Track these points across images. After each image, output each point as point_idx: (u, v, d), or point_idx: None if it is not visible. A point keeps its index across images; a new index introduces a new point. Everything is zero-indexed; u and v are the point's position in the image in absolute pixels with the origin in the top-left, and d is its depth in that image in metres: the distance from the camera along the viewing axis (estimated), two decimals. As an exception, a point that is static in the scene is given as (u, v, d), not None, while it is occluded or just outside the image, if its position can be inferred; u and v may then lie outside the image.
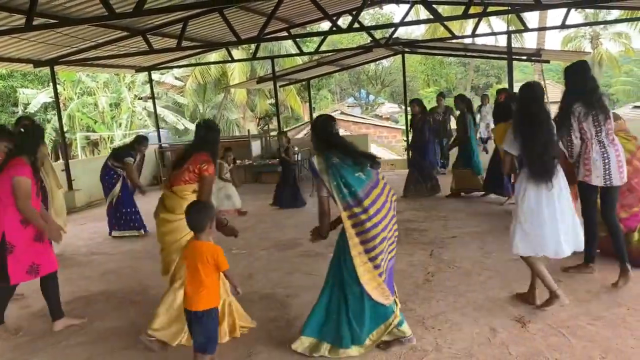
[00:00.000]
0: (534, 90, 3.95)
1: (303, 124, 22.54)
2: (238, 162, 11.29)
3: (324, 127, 3.56)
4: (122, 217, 7.62)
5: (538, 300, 4.02)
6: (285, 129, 17.91)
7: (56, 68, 10.51)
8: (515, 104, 4.03)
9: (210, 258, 3.10)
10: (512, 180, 6.70)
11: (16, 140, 4.30)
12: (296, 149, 11.28)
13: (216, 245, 3.18)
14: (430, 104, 25.67)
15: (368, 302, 3.37)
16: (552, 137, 3.89)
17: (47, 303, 4.30)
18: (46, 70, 10.63)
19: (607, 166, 4.24)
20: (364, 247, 3.31)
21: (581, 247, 4.01)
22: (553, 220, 3.81)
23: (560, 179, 3.86)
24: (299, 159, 10.96)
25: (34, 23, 6.43)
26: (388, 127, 24.16)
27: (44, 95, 19.74)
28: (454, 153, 9.64)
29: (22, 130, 4.29)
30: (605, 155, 4.25)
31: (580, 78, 4.32)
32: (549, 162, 3.80)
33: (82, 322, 4.37)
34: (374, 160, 3.50)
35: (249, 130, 14.85)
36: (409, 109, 10.52)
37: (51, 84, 11.05)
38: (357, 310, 3.38)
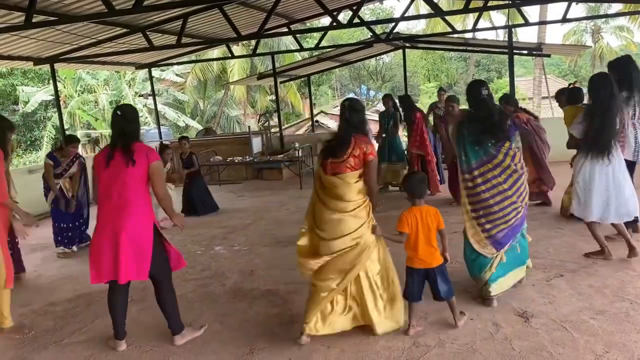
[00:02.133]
0: (600, 81, 4.59)
1: (303, 120, 22.51)
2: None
3: (474, 89, 4.04)
4: (56, 232, 6.72)
5: (612, 255, 4.74)
6: (285, 125, 17.90)
7: (56, 65, 10.48)
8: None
9: (436, 217, 3.57)
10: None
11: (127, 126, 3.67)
12: (297, 145, 11.27)
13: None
14: (431, 99, 25.67)
15: (472, 253, 4.04)
16: (611, 121, 4.48)
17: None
18: (46, 67, 10.62)
19: (637, 144, 5.05)
20: (471, 207, 3.99)
21: (630, 217, 4.70)
22: (603, 191, 4.55)
23: (616, 156, 4.55)
24: (300, 154, 10.93)
25: (34, 20, 6.40)
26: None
27: (43, 94, 19.74)
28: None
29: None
30: (636, 135, 5.06)
31: (628, 69, 5.07)
32: (605, 142, 4.48)
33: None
34: (496, 139, 3.90)
35: (249, 127, 14.81)
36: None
37: (51, 81, 11.03)
38: (468, 258, 4.11)
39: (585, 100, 5.32)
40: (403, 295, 3.68)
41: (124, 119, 3.64)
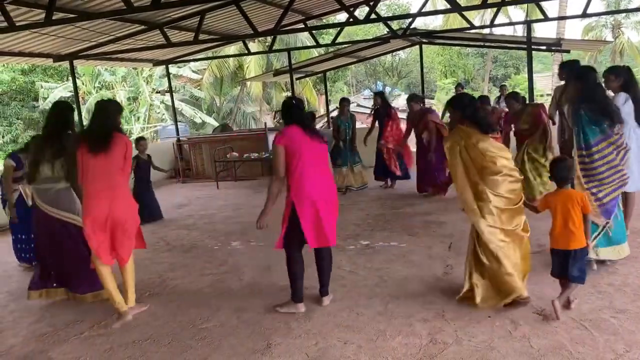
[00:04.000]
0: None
1: (319, 117, 22.49)
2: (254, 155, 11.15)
3: (591, 75, 4.55)
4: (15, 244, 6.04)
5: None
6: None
7: (75, 62, 10.60)
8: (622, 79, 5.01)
9: (580, 202, 3.67)
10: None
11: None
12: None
13: (582, 192, 3.96)
14: (448, 95, 25.49)
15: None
16: None
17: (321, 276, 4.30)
18: (66, 64, 10.74)
19: None
20: (585, 179, 4.34)
21: None
22: None
23: None
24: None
25: (54, 18, 6.48)
26: (405, 119, 23.97)
27: (60, 90, 19.97)
28: None
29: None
30: None
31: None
32: None
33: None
34: (612, 121, 4.35)
35: (265, 124, 14.85)
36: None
37: (70, 78, 11.15)
38: None
39: None
40: (550, 273, 3.87)
41: (299, 108, 4.15)
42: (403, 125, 9.29)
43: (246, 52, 13.33)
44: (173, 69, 20.04)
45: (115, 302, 4.25)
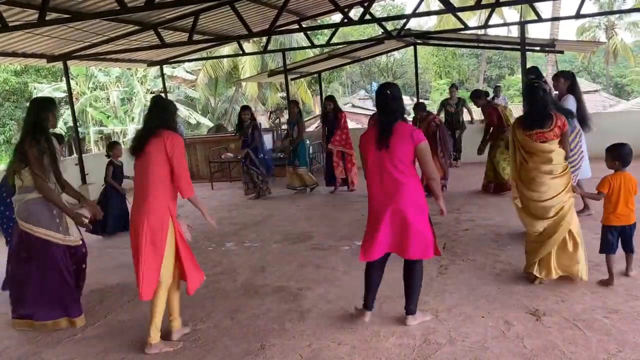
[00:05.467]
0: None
1: (314, 117, 22.50)
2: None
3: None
4: None
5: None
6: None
7: (69, 63, 10.56)
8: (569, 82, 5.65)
9: (634, 184, 4.11)
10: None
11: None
12: (307, 142, 11.27)
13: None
14: (442, 95, 25.54)
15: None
16: None
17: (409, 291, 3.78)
18: (59, 65, 10.69)
19: None
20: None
21: None
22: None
23: None
24: (311, 152, 10.93)
25: (47, 18, 6.45)
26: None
27: (50, 91, 19.85)
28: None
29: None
30: None
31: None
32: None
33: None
34: (572, 115, 5.15)
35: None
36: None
37: (64, 78, 11.10)
38: None
39: None
40: (600, 251, 4.24)
41: (394, 99, 3.62)
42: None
43: (241, 52, 13.29)
44: (167, 69, 19.99)
45: (151, 328, 3.70)
